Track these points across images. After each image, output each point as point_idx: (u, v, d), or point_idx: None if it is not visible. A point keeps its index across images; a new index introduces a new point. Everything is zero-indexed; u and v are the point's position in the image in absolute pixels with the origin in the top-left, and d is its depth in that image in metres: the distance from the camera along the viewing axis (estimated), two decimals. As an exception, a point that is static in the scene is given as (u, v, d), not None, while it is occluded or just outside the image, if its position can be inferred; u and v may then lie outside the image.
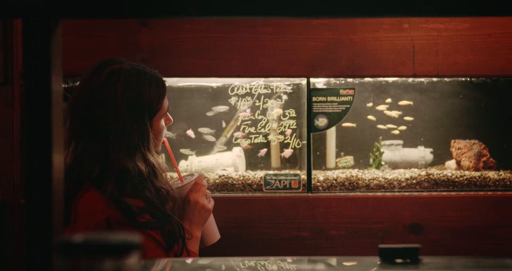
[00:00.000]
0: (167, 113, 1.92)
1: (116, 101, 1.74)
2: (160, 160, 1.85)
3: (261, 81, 2.60)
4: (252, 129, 2.59)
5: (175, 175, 2.06)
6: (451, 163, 2.70)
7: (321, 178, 2.53)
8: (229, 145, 2.67)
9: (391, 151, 2.74)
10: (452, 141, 2.72)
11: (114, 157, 1.72)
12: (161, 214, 1.74)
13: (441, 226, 2.44)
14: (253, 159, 2.66)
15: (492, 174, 2.56)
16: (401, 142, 2.76)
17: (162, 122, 1.88)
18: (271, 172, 2.55)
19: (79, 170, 1.75)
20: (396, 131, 2.72)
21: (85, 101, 1.76)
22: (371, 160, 2.70)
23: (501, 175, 2.56)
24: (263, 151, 2.60)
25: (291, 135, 2.57)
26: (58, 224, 1.02)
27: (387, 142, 2.74)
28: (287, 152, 2.56)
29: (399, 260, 1.11)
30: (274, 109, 2.60)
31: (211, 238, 1.99)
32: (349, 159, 2.70)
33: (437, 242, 2.43)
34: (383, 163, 2.68)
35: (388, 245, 1.11)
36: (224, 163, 2.65)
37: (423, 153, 2.74)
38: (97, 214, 1.69)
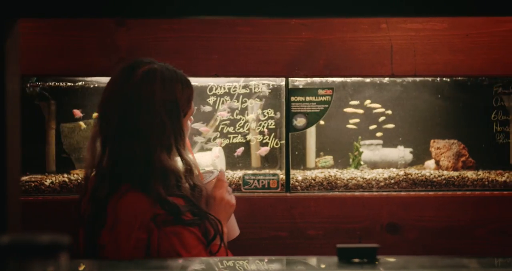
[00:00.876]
0: None
1: (154, 101, 1.75)
2: (193, 158, 1.86)
3: (241, 81, 2.60)
4: (231, 129, 2.59)
5: None
6: (430, 163, 2.71)
7: (300, 178, 2.53)
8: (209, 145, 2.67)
9: (370, 151, 2.74)
10: (432, 141, 2.72)
11: (156, 156, 1.73)
12: (199, 211, 1.76)
13: (419, 225, 2.44)
14: (232, 159, 2.66)
15: (470, 174, 2.57)
16: (381, 141, 2.76)
17: (189, 122, 1.91)
18: (249, 172, 2.55)
19: (117, 171, 1.75)
20: (379, 134, 2.73)
21: (122, 102, 1.76)
22: (351, 160, 2.70)
23: (480, 174, 2.57)
24: (239, 150, 2.60)
25: (270, 135, 2.57)
26: (13, 225, 1.01)
27: (367, 142, 2.75)
28: (263, 150, 2.56)
29: (356, 260, 1.11)
30: (254, 109, 2.59)
31: (232, 233, 2.00)
32: (329, 159, 2.70)
33: (415, 242, 2.44)
34: (362, 162, 2.68)
35: (347, 244, 1.11)
36: (203, 163, 2.65)
37: (403, 153, 2.74)
38: (141, 215, 1.70)
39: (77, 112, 2.60)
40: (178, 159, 1.82)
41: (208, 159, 2.64)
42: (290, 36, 2.46)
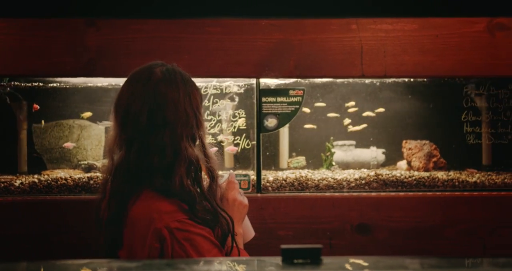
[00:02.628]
0: None
1: (179, 94, 1.81)
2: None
3: (213, 81, 2.60)
4: (201, 130, 2.58)
5: None
6: (402, 163, 2.71)
7: (271, 178, 2.53)
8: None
9: (343, 151, 2.74)
10: (404, 142, 2.73)
11: (183, 145, 1.78)
12: (213, 208, 1.79)
13: (389, 226, 2.44)
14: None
15: (441, 175, 2.58)
16: (353, 142, 2.76)
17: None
18: (220, 172, 2.54)
19: (142, 166, 1.78)
20: (358, 127, 2.73)
21: (147, 100, 1.80)
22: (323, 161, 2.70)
23: (450, 175, 2.58)
24: (212, 150, 2.59)
25: (241, 135, 2.57)
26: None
27: (340, 142, 2.75)
28: (230, 148, 2.56)
29: (298, 260, 1.11)
30: (226, 109, 2.59)
31: (247, 235, 2.00)
32: (301, 159, 2.70)
33: (385, 242, 2.44)
34: (334, 163, 2.68)
35: (291, 245, 1.11)
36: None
37: (375, 153, 2.75)
38: (154, 222, 1.71)
39: (36, 106, 2.61)
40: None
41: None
42: (260, 36, 2.46)
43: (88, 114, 2.67)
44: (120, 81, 2.59)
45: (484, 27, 2.47)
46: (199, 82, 2.57)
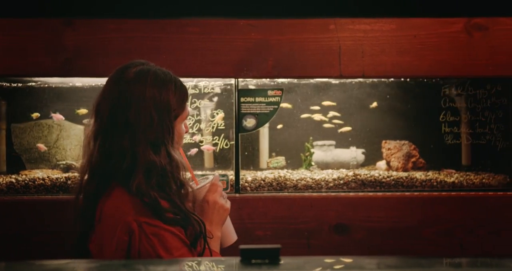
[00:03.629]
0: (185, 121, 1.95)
1: (144, 98, 1.78)
2: (182, 158, 1.87)
3: (194, 81, 2.60)
4: (180, 130, 2.57)
5: None
6: (382, 164, 2.72)
7: (250, 179, 2.52)
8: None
9: (323, 152, 2.74)
10: (383, 142, 2.73)
11: (141, 150, 1.75)
12: (183, 212, 1.76)
13: (367, 226, 2.44)
14: (189, 159, 2.64)
15: (419, 175, 2.58)
16: (333, 142, 2.76)
17: (183, 127, 1.91)
18: (199, 172, 2.54)
19: (105, 167, 1.78)
20: (347, 128, 2.73)
21: (114, 98, 1.79)
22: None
23: (429, 175, 2.58)
24: (193, 151, 2.59)
25: (220, 135, 2.56)
26: None
27: (319, 142, 2.75)
28: (206, 147, 2.56)
29: (256, 261, 1.11)
30: (205, 110, 2.59)
31: (229, 239, 1.99)
32: (281, 159, 2.70)
33: (362, 242, 2.44)
34: (313, 163, 2.68)
35: (250, 245, 1.11)
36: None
37: (355, 154, 2.75)
38: (124, 215, 1.71)
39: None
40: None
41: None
42: (238, 36, 2.46)
43: (83, 111, 2.66)
44: (98, 81, 2.60)
45: (462, 28, 2.47)
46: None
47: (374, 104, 2.70)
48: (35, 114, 2.66)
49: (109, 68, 2.42)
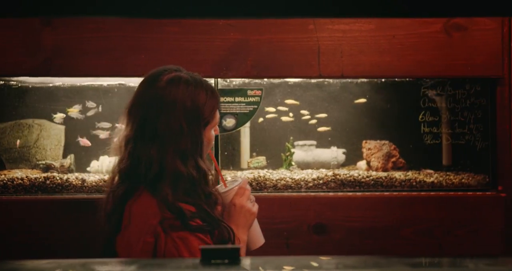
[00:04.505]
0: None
1: (175, 107, 1.78)
2: (210, 166, 1.88)
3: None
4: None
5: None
6: (362, 164, 2.72)
7: (229, 178, 2.52)
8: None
9: (304, 152, 2.75)
10: (364, 142, 2.74)
11: (169, 160, 1.76)
12: (211, 219, 1.78)
13: (346, 226, 2.45)
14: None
15: (398, 175, 2.58)
16: (314, 142, 2.77)
17: (212, 132, 1.92)
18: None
19: (134, 173, 1.79)
20: (325, 128, 2.73)
21: (144, 105, 1.80)
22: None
23: (408, 175, 2.59)
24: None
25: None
26: None
27: (300, 142, 2.75)
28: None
29: (216, 261, 1.11)
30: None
31: (256, 242, 1.98)
32: (261, 159, 2.70)
33: (341, 242, 2.45)
34: (293, 163, 2.68)
35: (210, 246, 1.11)
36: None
37: (336, 154, 2.75)
38: (150, 218, 1.73)
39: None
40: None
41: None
42: (218, 36, 2.46)
43: (75, 109, 2.65)
44: (78, 80, 2.60)
45: (441, 28, 2.48)
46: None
47: (362, 100, 2.70)
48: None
49: (88, 68, 2.44)
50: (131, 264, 1.12)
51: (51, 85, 2.65)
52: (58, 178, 2.48)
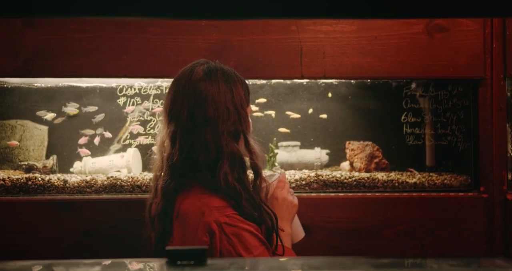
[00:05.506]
0: None
1: (219, 93, 1.84)
2: (258, 146, 1.91)
3: (158, 82, 2.60)
4: (141, 131, 2.58)
5: None
6: (345, 164, 2.72)
7: (267, 173, 2.51)
8: (125, 146, 2.66)
9: (287, 152, 2.75)
10: (347, 142, 2.74)
11: (225, 141, 1.82)
12: (257, 204, 1.81)
13: (328, 226, 2.45)
14: (146, 160, 2.65)
15: (381, 175, 2.58)
16: (298, 143, 2.77)
17: (250, 119, 1.96)
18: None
19: (186, 164, 1.82)
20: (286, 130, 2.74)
21: (189, 97, 1.84)
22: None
23: (390, 176, 2.59)
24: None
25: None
26: None
27: (284, 143, 2.75)
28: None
29: (182, 262, 1.11)
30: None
31: (298, 235, 2.01)
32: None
33: (323, 243, 2.45)
34: (276, 164, 2.68)
35: (176, 247, 1.11)
36: (118, 164, 2.63)
37: (319, 154, 2.75)
38: (204, 216, 1.75)
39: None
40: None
41: (122, 160, 2.63)
42: (200, 37, 2.46)
43: (73, 111, 2.65)
44: (59, 81, 2.60)
45: (423, 29, 2.48)
46: (138, 82, 2.59)
47: (329, 94, 2.70)
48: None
49: (70, 69, 2.43)
50: (97, 265, 1.12)
51: (36, 85, 2.64)
52: (40, 178, 2.48)
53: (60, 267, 1.07)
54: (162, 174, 1.87)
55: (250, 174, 1.90)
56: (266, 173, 2.11)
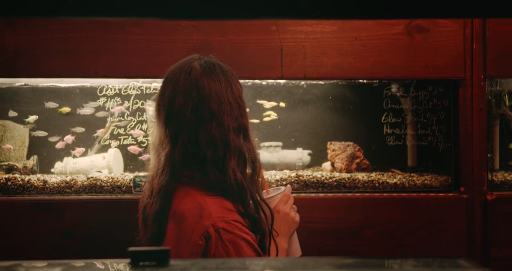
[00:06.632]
0: None
1: (221, 87, 1.81)
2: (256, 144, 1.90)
3: (139, 82, 2.60)
4: (122, 131, 2.57)
5: None
6: (327, 165, 2.72)
7: (273, 186, 2.51)
8: (106, 147, 2.66)
9: (269, 153, 2.75)
10: (328, 143, 2.74)
11: (231, 136, 1.78)
12: (255, 201, 1.78)
13: (308, 227, 2.45)
14: (132, 161, 2.65)
15: (362, 176, 2.59)
16: (280, 143, 2.77)
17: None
18: (141, 174, 2.53)
19: (188, 162, 1.78)
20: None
21: (191, 92, 1.79)
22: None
23: (371, 176, 2.59)
24: (135, 149, 2.59)
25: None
26: None
27: (266, 143, 2.75)
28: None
29: (145, 262, 1.10)
30: (149, 111, 2.59)
31: (295, 253, 1.97)
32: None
33: (303, 243, 2.42)
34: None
35: (139, 247, 1.10)
36: (98, 164, 2.63)
37: (301, 155, 2.75)
38: (201, 219, 1.70)
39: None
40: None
41: (103, 161, 2.62)
42: (180, 37, 2.45)
43: (66, 109, 2.65)
44: (40, 81, 2.59)
45: (403, 29, 2.49)
46: (118, 82, 2.59)
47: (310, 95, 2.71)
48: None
49: (50, 69, 2.43)
50: (58, 266, 1.11)
51: (15, 85, 2.64)
52: (19, 179, 2.47)
53: (22, 268, 1.06)
54: (159, 173, 1.80)
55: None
56: (272, 187, 2.11)
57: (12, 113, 2.64)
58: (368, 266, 1.07)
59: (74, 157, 2.63)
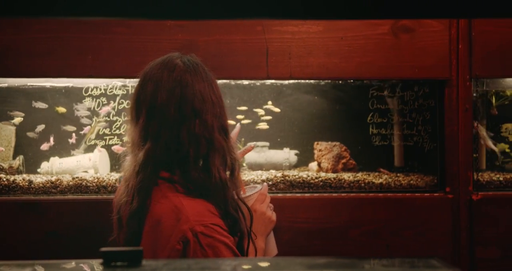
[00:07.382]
0: None
1: (204, 85, 1.80)
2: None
3: (125, 82, 2.60)
4: (107, 131, 2.57)
5: None
6: (313, 165, 2.73)
7: (250, 184, 2.51)
8: (92, 146, 2.65)
9: (256, 153, 2.75)
10: (315, 143, 2.74)
11: (216, 136, 1.77)
12: (233, 201, 1.77)
13: (294, 227, 2.45)
14: (118, 161, 2.64)
15: (347, 176, 2.59)
16: (267, 143, 2.77)
17: None
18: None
19: (168, 161, 1.76)
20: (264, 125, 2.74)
21: (174, 90, 1.78)
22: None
23: (357, 176, 2.59)
24: (119, 149, 2.59)
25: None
26: None
27: (252, 144, 2.75)
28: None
29: (117, 263, 1.10)
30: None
31: (271, 252, 1.97)
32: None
33: (289, 243, 2.45)
34: (244, 164, 2.68)
35: (112, 248, 1.10)
36: (85, 164, 2.62)
37: (288, 155, 2.75)
38: (179, 223, 1.67)
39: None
40: None
41: (87, 162, 2.62)
42: (166, 37, 2.45)
43: (62, 109, 2.64)
44: (25, 81, 2.59)
45: (389, 30, 2.49)
46: (104, 82, 2.58)
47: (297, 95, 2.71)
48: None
49: (35, 69, 2.42)
50: (30, 266, 1.11)
51: (2, 85, 2.63)
52: (4, 179, 2.47)
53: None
54: (137, 172, 1.77)
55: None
56: (248, 185, 2.10)
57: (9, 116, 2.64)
58: (340, 266, 1.07)
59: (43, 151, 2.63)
